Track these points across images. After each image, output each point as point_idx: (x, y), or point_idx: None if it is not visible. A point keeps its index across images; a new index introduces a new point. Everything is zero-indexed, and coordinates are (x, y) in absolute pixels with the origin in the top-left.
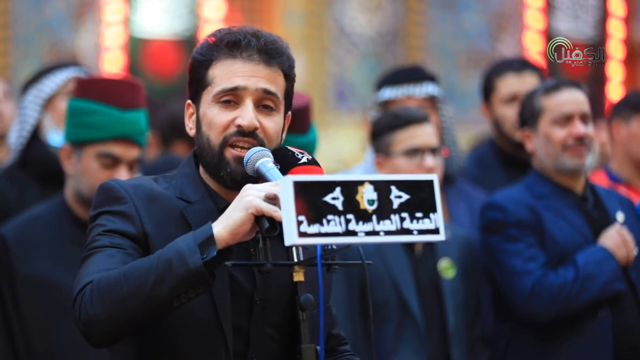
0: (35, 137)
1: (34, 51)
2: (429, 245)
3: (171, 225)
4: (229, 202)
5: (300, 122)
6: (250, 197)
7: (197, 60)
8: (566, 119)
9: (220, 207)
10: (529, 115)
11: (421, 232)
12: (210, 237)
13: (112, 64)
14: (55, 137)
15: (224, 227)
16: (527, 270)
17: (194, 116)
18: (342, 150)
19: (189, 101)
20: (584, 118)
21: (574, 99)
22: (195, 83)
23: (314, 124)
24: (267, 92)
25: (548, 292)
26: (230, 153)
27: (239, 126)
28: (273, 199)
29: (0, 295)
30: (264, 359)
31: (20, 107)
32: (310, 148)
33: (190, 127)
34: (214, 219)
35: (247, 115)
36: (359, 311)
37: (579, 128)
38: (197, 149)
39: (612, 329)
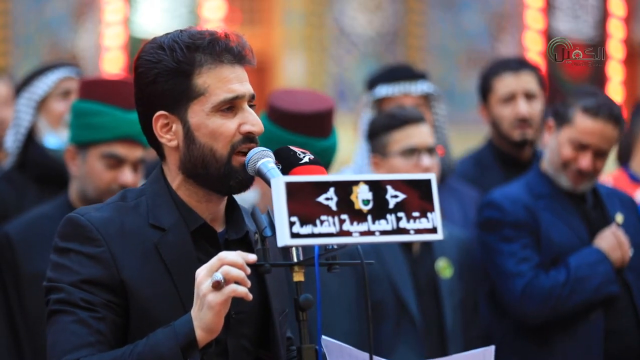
0: (32, 140)
1: (34, 51)
2: (426, 244)
3: (148, 264)
4: (204, 219)
5: (324, 125)
6: (208, 296)
7: (169, 69)
8: (582, 147)
9: (191, 229)
10: (560, 113)
11: (418, 231)
12: (193, 341)
13: (112, 64)
14: (51, 139)
15: (202, 328)
16: (519, 272)
17: (175, 128)
18: (342, 150)
19: (162, 112)
20: (600, 153)
21: (601, 132)
22: (174, 93)
23: (335, 127)
24: (253, 97)
25: (539, 295)
26: (237, 161)
27: (249, 132)
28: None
29: (5, 293)
30: None
31: (15, 110)
32: (330, 151)
33: (169, 139)
34: (188, 253)
35: (255, 121)
36: (358, 310)
37: (587, 163)
38: (190, 161)
39: (605, 330)
